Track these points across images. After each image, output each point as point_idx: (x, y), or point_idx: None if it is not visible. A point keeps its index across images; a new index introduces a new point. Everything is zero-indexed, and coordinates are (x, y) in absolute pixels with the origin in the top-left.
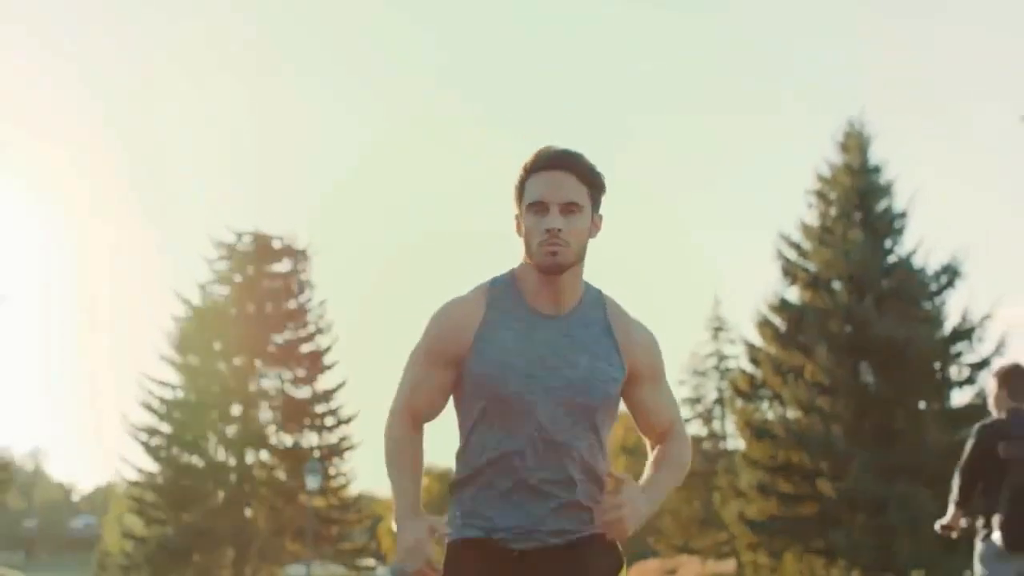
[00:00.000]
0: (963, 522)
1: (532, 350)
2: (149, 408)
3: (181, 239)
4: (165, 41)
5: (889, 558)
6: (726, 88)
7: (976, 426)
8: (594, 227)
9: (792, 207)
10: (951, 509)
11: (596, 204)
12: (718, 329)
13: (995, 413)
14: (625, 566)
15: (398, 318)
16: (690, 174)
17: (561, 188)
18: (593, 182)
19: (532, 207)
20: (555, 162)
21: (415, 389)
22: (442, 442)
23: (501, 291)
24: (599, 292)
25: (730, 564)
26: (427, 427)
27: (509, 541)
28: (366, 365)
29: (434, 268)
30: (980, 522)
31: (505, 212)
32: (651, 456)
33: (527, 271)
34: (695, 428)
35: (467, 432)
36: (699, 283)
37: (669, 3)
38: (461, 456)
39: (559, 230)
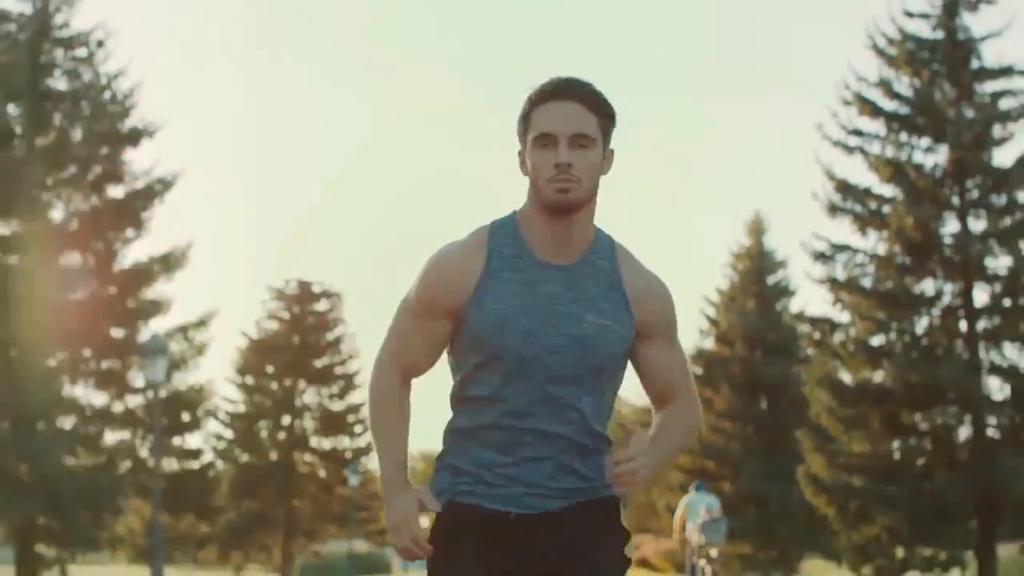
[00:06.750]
0: None
1: (534, 304)
2: (216, 419)
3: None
4: (164, 28)
5: (772, 538)
6: (724, 75)
7: None
8: (606, 163)
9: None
10: None
11: (607, 137)
12: None
13: None
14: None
15: None
16: (687, 160)
17: (571, 119)
18: (604, 112)
19: (539, 140)
20: (563, 91)
21: (407, 341)
22: (433, 423)
23: (503, 237)
24: (611, 239)
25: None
26: (418, 403)
27: (505, 501)
28: None
29: None
30: None
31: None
32: (654, 420)
33: (531, 213)
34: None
35: (463, 380)
36: (693, 271)
37: None
38: (456, 401)
39: (569, 165)
